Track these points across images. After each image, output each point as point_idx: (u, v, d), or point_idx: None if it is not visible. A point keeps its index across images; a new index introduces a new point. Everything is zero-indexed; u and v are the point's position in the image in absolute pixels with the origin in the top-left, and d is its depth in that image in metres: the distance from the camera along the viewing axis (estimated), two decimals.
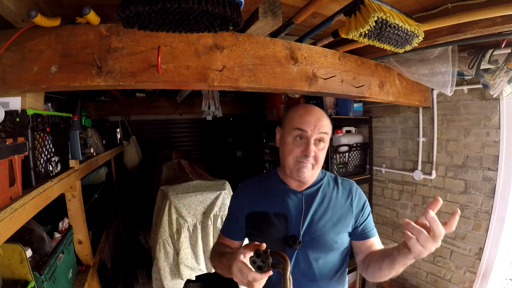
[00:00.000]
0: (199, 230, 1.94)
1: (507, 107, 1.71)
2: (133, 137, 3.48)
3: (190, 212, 1.94)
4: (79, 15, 0.90)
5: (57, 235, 1.29)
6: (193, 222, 1.94)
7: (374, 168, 2.56)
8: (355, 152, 2.47)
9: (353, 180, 1.06)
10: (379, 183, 2.53)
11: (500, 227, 1.76)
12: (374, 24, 0.91)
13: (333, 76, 1.37)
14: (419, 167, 2.18)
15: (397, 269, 0.78)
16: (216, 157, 4.38)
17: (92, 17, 0.90)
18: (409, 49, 1.17)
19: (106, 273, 2.10)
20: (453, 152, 1.99)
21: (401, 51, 1.16)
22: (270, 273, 0.67)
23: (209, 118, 2.79)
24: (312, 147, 0.89)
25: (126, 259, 3.01)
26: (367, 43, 1.06)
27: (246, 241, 1.03)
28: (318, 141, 0.90)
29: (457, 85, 1.71)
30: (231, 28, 0.87)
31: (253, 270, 0.67)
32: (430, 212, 0.63)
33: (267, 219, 0.95)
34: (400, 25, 0.97)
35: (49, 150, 1.15)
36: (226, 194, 2.08)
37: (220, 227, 1.96)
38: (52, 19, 0.89)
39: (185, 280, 1.95)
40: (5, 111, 0.92)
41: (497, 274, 1.81)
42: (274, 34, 1.20)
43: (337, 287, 0.98)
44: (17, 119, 0.95)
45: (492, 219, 1.79)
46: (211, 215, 1.96)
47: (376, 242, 0.96)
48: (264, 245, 0.69)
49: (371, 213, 1.01)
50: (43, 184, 1.03)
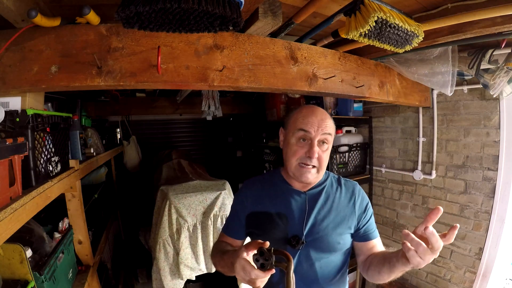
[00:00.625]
0: (199, 230, 1.94)
1: (507, 107, 1.71)
2: (133, 137, 3.47)
3: (190, 212, 1.94)
4: (79, 15, 0.90)
5: (57, 235, 1.29)
6: (193, 222, 1.94)
7: (374, 168, 2.56)
8: (355, 152, 2.47)
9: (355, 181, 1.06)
10: (379, 183, 2.53)
11: (500, 227, 1.76)
12: (374, 24, 0.91)
13: (333, 76, 1.37)
14: (419, 167, 2.18)
15: (396, 274, 0.79)
16: (216, 157, 4.38)
17: (92, 17, 0.90)
18: (409, 49, 1.16)
19: (106, 273, 2.10)
20: (453, 152, 1.99)
21: (401, 51, 1.16)
22: (273, 271, 0.67)
23: (209, 118, 2.79)
24: (316, 148, 0.88)
25: (126, 259, 3.01)
26: (367, 43, 1.06)
27: (248, 240, 1.03)
28: (321, 142, 0.90)
29: (457, 85, 1.71)
30: (231, 28, 0.87)
31: (256, 268, 0.67)
32: (429, 228, 0.63)
33: (269, 219, 0.95)
34: (400, 25, 0.97)
35: (49, 150, 1.15)
36: (226, 194, 2.08)
37: (220, 227, 1.96)
38: (52, 19, 0.89)
39: (185, 280, 1.95)
40: (5, 111, 0.92)
41: (497, 274, 1.81)
42: (274, 34, 1.20)
43: None
44: (17, 119, 0.95)
45: (492, 219, 1.79)
46: (211, 215, 1.96)
47: (377, 244, 0.96)
48: (268, 243, 0.69)
49: (373, 215, 1.00)
50: (43, 184, 1.03)
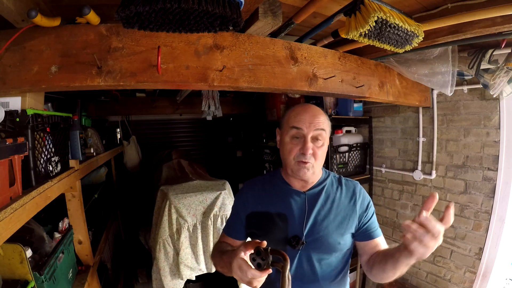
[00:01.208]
0: (199, 230, 1.94)
1: (507, 107, 1.71)
2: (133, 137, 3.47)
3: (190, 212, 1.94)
4: (79, 15, 0.90)
5: (57, 235, 1.29)
6: (193, 222, 1.94)
7: (374, 168, 2.56)
8: (355, 152, 2.47)
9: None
10: (379, 183, 2.53)
11: (500, 227, 1.76)
12: (374, 24, 0.91)
13: (333, 76, 1.37)
14: (419, 167, 2.18)
15: (401, 269, 0.77)
16: (216, 157, 4.38)
17: (92, 17, 0.90)
18: (409, 49, 1.16)
19: (106, 273, 2.10)
20: (453, 152, 1.99)
21: (401, 51, 1.16)
22: (270, 271, 0.67)
23: (209, 118, 2.79)
24: (309, 144, 0.89)
25: (126, 259, 3.01)
26: (367, 43, 1.06)
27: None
28: (315, 138, 0.90)
29: (457, 85, 1.71)
30: (231, 28, 0.87)
31: (252, 267, 0.67)
32: (423, 214, 0.63)
33: (270, 219, 0.95)
34: (400, 25, 0.97)
35: (49, 150, 1.15)
36: (226, 194, 2.08)
37: (220, 227, 1.96)
38: (52, 19, 0.89)
39: (185, 280, 1.95)
40: (5, 111, 0.92)
41: (497, 274, 1.81)
42: (274, 34, 1.20)
43: None
44: (17, 119, 0.95)
45: (492, 219, 1.79)
46: (211, 215, 1.96)
47: (380, 242, 0.95)
48: (265, 243, 0.69)
49: (375, 214, 0.99)
50: (43, 184, 1.03)
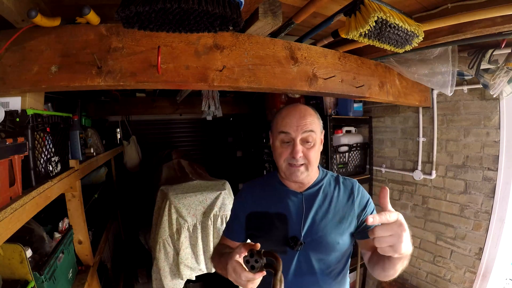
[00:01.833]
0: (199, 230, 1.94)
1: (507, 107, 1.71)
2: (133, 137, 3.47)
3: (190, 212, 1.94)
4: (79, 15, 0.90)
5: (57, 235, 1.29)
6: (193, 222, 1.94)
7: (374, 168, 2.56)
8: (355, 152, 2.47)
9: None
10: (379, 183, 2.53)
11: (500, 227, 1.76)
12: (374, 24, 0.91)
13: (333, 76, 1.37)
14: (419, 167, 2.18)
15: (398, 266, 0.75)
16: (216, 157, 4.37)
17: (92, 17, 0.90)
18: (409, 49, 1.16)
19: (106, 273, 2.10)
20: (453, 152, 1.99)
21: (401, 51, 1.16)
22: (264, 273, 0.66)
23: (209, 118, 2.79)
24: (299, 147, 0.88)
25: (126, 259, 3.01)
26: (367, 43, 1.06)
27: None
28: (305, 140, 0.89)
29: (457, 85, 1.71)
30: (231, 28, 0.87)
31: (246, 269, 0.67)
32: (368, 219, 0.60)
33: (268, 220, 0.95)
34: (400, 25, 0.97)
35: (49, 150, 1.15)
36: (226, 194, 2.08)
37: (220, 227, 1.97)
38: (52, 19, 0.89)
39: (185, 280, 1.95)
40: (5, 111, 0.92)
41: (497, 274, 1.81)
42: (274, 34, 1.20)
43: None
44: (17, 119, 0.95)
45: (492, 219, 1.79)
46: (211, 215, 1.96)
47: None
48: (259, 245, 0.69)
49: (375, 211, 0.97)
50: (43, 184, 1.02)
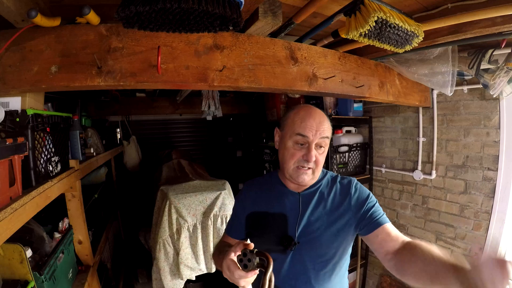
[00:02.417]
0: (199, 230, 1.94)
1: (507, 107, 1.71)
2: (133, 137, 3.47)
3: (190, 212, 1.94)
4: (79, 15, 0.90)
5: (57, 235, 1.29)
6: (193, 222, 1.94)
7: (374, 168, 2.55)
8: (355, 152, 2.47)
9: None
10: (379, 183, 2.53)
11: (500, 227, 1.76)
12: (374, 24, 0.91)
13: (333, 76, 1.37)
14: (419, 167, 2.18)
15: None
16: (216, 157, 4.38)
17: (92, 17, 0.90)
18: (409, 49, 1.16)
19: (106, 273, 2.10)
20: (453, 152, 1.99)
21: (401, 51, 1.16)
22: (256, 272, 0.67)
23: (209, 118, 2.79)
24: (313, 152, 0.87)
25: (126, 259, 3.01)
26: (367, 43, 1.06)
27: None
28: (319, 146, 0.89)
29: (457, 85, 1.71)
30: (231, 28, 0.87)
31: (240, 268, 0.68)
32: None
33: (265, 220, 0.96)
34: (400, 25, 0.97)
35: (49, 150, 1.15)
36: (226, 194, 2.08)
37: (220, 227, 1.97)
38: (52, 19, 0.89)
39: (185, 280, 1.95)
40: (5, 111, 0.92)
41: None
42: (274, 34, 1.20)
43: None
44: (17, 119, 0.95)
45: (492, 219, 1.79)
46: (211, 215, 1.96)
47: (391, 230, 0.85)
48: (252, 245, 0.70)
49: (378, 204, 0.92)
50: (43, 184, 1.03)
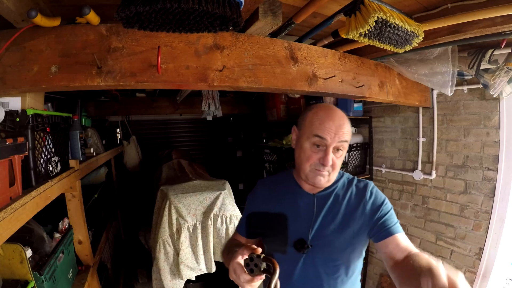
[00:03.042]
0: (199, 230, 1.94)
1: (507, 107, 1.71)
2: (133, 137, 3.48)
3: (190, 212, 1.94)
4: (79, 15, 0.90)
5: (57, 235, 1.29)
6: (193, 222, 1.94)
7: (374, 168, 2.55)
8: (355, 152, 2.46)
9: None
10: (379, 183, 2.53)
11: (500, 227, 1.76)
12: (374, 24, 0.91)
13: (333, 76, 1.37)
14: (419, 167, 2.18)
15: None
16: (216, 157, 4.38)
17: (92, 17, 0.90)
18: (409, 49, 1.16)
19: (106, 273, 2.10)
20: (453, 152, 1.99)
21: (401, 51, 1.16)
22: (262, 277, 0.66)
23: (209, 118, 2.79)
24: (331, 155, 0.83)
25: (126, 259, 3.01)
26: (367, 43, 1.06)
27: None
28: (337, 149, 0.85)
29: (457, 85, 1.71)
30: (231, 28, 0.87)
31: (246, 272, 0.68)
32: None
33: (277, 220, 0.94)
34: (400, 25, 0.97)
35: (49, 150, 1.15)
36: (226, 194, 2.08)
37: (220, 227, 1.97)
38: (52, 19, 0.89)
39: (185, 280, 1.95)
40: (5, 111, 0.92)
41: (497, 274, 1.81)
42: (274, 34, 1.20)
43: None
44: (17, 119, 0.95)
45: (492, 219, 1.79)
46: (211, 215, 1.96)
47: (402, 240, 0.82)
48: (259, 250, 0.69)
49: (392, 211, 0.89)
50: (43, 184, 1.03)
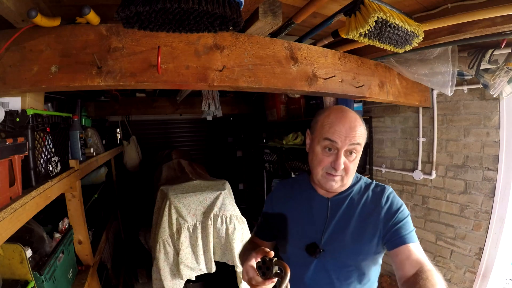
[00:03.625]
0: (199, 230, 1.94)
1: (507, 107, 1.71)
2: (133, 137, 3.48)
3: (190, 212, 1.94)
4: (79, 15, 0.90)
5: (57, 235, 1.29)
6: (193, 222, 1.94)
7: (374, 168, 2.55)
8: None
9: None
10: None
11: (500, 227, 1.76)
12: (374, 24, 0.91)
13: (333, 76, 1.37)
14: (419, 167, 2.18)
15: None
16: (216, 157, 4.38)
17: (92, 17, 0.90)
18: (409, 49, 1.16)
19: (106, 273, 2.10)
20: (453, 152, 1.99)
21: (401, 51, 1.16)
22: (274, 280, 0.67)
23: (209, 118, 2.79)
24: (342, 159, 0.81)
25: (126, 259, 3.01)
26: (367, 43, 1.06)
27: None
28: (349, 152, 0.82)
29: (457, 85, 1.71)
30: (231, 28, 0.87)
31: (258, 275, 0.69)
32: None
33: (291, 223, 0.94)
34: (400, 25, 0.97)
35: (49, 150, 1.15)
36: (226, 194, 2.08)
37: (220, 227, 1.97)
38: (52, 19, 0.89)
39: (185, 280, 1.95)
40: (5, 111, 0.92)
41: (497, 274, 1.81)
42: (274, 34, 1.20)
43: None
44: (17, 119, 0.95)
45: (492, 219, 1.79)
46: (211, 215, 1.96)
47: (414, 251, 0.77)
48: (272, 253, 0.69)
49: (409, 219, 0.84)
50: (43, 184, 1.03)
